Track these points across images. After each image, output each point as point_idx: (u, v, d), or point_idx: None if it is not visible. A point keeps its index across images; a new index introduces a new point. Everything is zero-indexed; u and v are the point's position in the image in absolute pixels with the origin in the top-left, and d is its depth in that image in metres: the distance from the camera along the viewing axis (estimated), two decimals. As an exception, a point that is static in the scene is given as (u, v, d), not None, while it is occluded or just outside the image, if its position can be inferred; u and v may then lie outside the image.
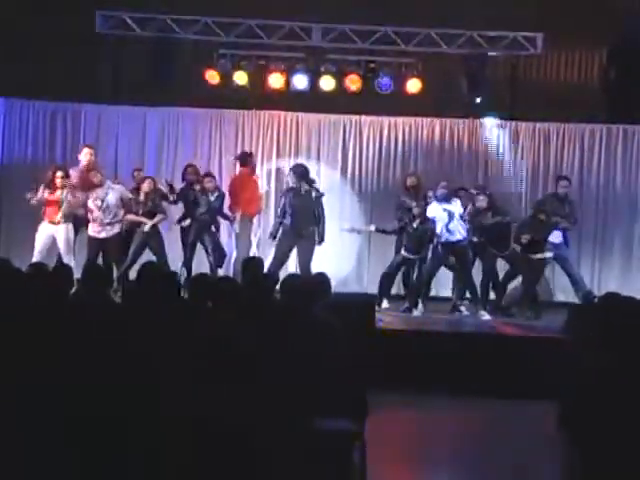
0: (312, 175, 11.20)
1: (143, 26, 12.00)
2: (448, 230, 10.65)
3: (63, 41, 12.18)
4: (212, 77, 12.05)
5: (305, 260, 10.69)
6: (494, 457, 7.32)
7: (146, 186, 11.04)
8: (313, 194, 10.82)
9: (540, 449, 7.59)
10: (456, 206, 10.75)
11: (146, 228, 10.93)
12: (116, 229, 11.00)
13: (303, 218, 10.68)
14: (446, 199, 10.75)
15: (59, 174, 10.79)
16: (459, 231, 10.67)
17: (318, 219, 10.75)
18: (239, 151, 12.27)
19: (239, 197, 11.40)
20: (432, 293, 11.40)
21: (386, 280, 11.22)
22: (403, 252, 11.01)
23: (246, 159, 11.71)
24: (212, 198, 11.16)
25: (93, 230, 10.98)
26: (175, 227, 11.45)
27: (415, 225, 10.84)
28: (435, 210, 10.72)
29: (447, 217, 10.65)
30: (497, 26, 11.99)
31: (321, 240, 10.79)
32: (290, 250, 10.80)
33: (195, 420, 3.05)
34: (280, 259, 10.77)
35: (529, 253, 10.93)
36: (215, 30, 11.93)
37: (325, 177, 12.50)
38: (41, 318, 4.53)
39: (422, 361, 9.07)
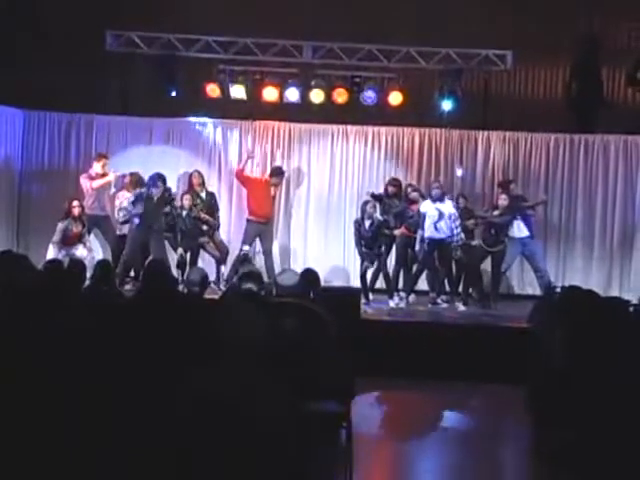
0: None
1: (149, 44, 11.97)
2: (435, 228, 10.58)
3: (77, 58, 12.15)
4: (212, 90, 12.03)
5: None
6: (470, 437, 7.33)
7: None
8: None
9: (510, 429, 7.62)
10: (447, 206, 10.68)
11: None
12: (125, 229, 11.00)
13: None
14: (440, 198, 10.69)
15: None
16: (444, 230, 10.59)
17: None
18: (237, 157, 12.31)
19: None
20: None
21: (365, 277, 11.14)
22: (363, 249, 10.97)
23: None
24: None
25: (116, 228, 11.23)
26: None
27: (367, 225, 10.82)
28: (427, 207, 10.65)
29: (437, 215, 10.56)
30: (471, 44, 11.99)
31: None
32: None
33: (189, 402, 3.03)
34: None
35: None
36: (215, 48, 11.91)
37: (314, 181, 12.54)
38: (54, 312, 4.51)
39: (404, 348, 9.07)
